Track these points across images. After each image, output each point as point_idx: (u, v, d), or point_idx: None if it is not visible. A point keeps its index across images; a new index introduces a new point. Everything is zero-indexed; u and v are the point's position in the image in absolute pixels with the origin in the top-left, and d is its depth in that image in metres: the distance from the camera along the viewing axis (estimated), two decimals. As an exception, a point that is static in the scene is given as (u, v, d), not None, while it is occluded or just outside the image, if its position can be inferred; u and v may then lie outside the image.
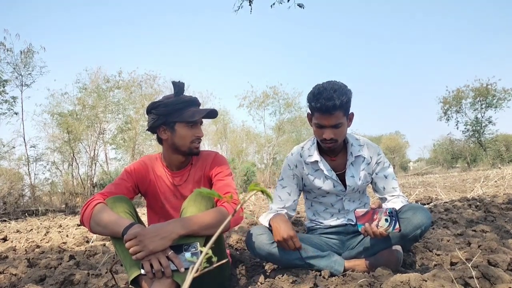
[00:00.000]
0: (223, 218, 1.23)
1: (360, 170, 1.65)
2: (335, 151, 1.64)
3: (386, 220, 1.35)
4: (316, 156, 1.64)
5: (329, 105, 1.42)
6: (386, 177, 1.65)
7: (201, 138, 1.50)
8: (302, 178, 1.71)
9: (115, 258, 2.13)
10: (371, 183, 1.72)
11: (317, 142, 1.67)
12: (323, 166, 1.64)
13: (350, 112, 1.55)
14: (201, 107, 1.52)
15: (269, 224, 1.55)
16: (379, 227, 1.36)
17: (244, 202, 0.58)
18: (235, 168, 16.21)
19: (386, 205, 1.62)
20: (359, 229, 1.42)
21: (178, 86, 1.45)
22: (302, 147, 1.71)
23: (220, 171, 1.51)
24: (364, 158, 1.66)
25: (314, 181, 1.67)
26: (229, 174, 1.50)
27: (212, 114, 1.48)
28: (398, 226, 1.34)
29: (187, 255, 1.14)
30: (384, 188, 1.65)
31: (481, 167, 19.78)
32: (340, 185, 1.65)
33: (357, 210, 1.43)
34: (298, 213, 3.93)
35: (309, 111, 1.58)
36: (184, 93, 1.48)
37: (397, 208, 1.47)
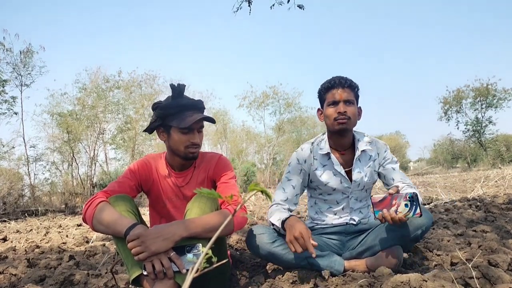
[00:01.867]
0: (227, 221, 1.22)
1: (366, 167, 1.67)
2: (345, 138, 1.64)
3: (406, 205, 1.32)
4: (327, 149, 1.66)
5: (342, 80, 1.59)
6: (394, 169, 1.68)
7: (198, 144, 1.44)
8: (309, 174, 1.70)
9: (115, 258, 2.13)
10: (380, 177, 1.72)
11: (328, 138, 1.70)
12: (334, 159, 1.65)
13: (359, 105, 1.65)
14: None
15: (282, 226, 1.49)
16: (398, 212, 1.33)
17: (245, 202, 0.58)
18: (235, 168, 16.20)
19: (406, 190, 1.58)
20: (376, 216, 1.38)
21: (176, 89, 1.40)
22: (312, 143, 1.73)
23: (224, 173, 1.50)
24: (371, 155, 1.68)
25: (321, 177, 1.67)
26: (233, 177, 1.49)
27: (207, 120, 1.43)
28: (419, 211, 1.30)
29: (190, 256, 1.14)
30: (393, 179, 1.66)
31: (482, 167, 19.77)
32: (347, 181, 1.66)
33: (373, 196, 1.41)
34: (298, 213, 3.92)
35: (320, 106, 1.70)
36: (183, 96, 1.43)
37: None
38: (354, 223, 1.69)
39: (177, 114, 1.39)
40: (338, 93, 1.58)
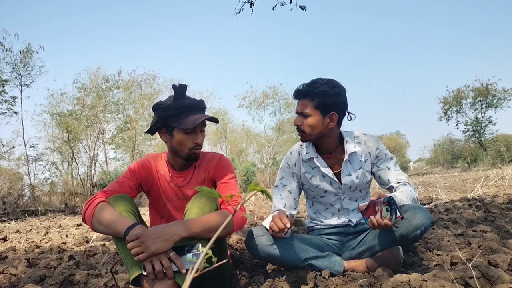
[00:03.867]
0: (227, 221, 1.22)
1: (357, 168, 1.63)
2: (322, 144, 1.62)
3: (387, 210, 1.32)
4: (312, 153, 1.63)
5: (296, 90, 1.56)
6: (389, 168, 1.62)
7: (201, 144, 1.45)
8: (300, 177, 1.69)
9: (115, 258, 2.13)
10: (374, 177, 1.68)
11: None
12: (320, 163, 1.62)
13: (332, 112, 1.52)
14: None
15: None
16: (383, 218, 1.34)
17: (244, 202, 0.58)
18: (235, 168, 16.16)
19: (394, 194, 1.56)
20: (367, 223, 1.39)
21: (178, 90, 1.40)
22: (301, 145, 1.70)
23: (224, 174, 1.49)
24: (361, 155, 1.63)
25: (311, 180, 1.66)
26: (233, 177, 1.49)
27: (211, 120, 1.43)
28: (399, 214, 1.30)
29: (189, 256, 1.14)
30: (389, 180, 1.61)
31: (481, 167, 19.77)
32: (337, 183, 1.63)
33: (360, 204, 1.42)
34: (298, 213, 3.92)
35: None
36: (185, 96, 1.42)
37: (404, 197, 1.45)
38: (352, 224, 1.68)
39: (179, 115, 1.39)
40: (296, 105, 1.58)
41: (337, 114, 1.54)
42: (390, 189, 1.62)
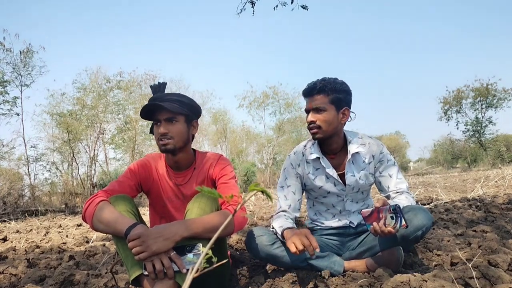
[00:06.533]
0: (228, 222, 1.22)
1: (360, 169, 1.62)
2: (331, 144, 1.62)
3: (392, 217, 1.33)
4: (318, 153, 1.63)
5: (310, 87, 1.56)
6: (390, 176, 1.62)
7: (165, 134, 1.40)
8: (303, 177, 1.69)
9: (115, 258, 2.13)
10: (375, 182, 1.67)
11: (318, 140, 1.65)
12: (325, 163, 1.62)
13: (344, 107, 1.56)
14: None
15: (282, 236, 1.48)
16: (386, 225, 1.33)
17: (245, 202, 0.58)
18: (235, 168, 16.16)
19: (391, 202, 1.59)
20: (369, 229, 1.39)
21: (151, 88, 1.47)
22: (305, 146, 1.70)
23: (224, 174, 1.50)
24: (365, 157, 1.62)
25: (314, 180, 1.65)
26: (233, 177, 1.49)
27: (157, 107, 1.40)
28: (404, 223, 1.31)
29: (190, 256, 1.14)
30: (388, 187, 1.61)
31: (482, 167, 19.77)
32: (341, 184, 1.63)
33: (363, 210, 1.41)
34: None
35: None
36: (161, 93, 1.48)
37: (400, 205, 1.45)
38: (353, 226, 1.68)
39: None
40: (308, 102, 1.58)
41: (349, 110, 1.58)
42: (388, 197, 1.62)
